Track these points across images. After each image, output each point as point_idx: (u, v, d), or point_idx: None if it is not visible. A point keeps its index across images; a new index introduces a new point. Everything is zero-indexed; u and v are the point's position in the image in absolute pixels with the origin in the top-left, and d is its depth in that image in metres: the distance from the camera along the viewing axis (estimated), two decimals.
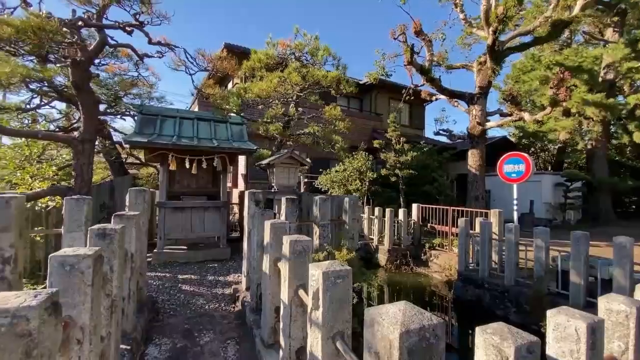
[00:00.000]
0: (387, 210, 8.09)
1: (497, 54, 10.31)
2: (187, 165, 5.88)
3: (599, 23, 15.44)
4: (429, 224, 8.39)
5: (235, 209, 9.18)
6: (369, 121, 14.76)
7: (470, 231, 6.47)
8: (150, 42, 5.78)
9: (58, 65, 6.28)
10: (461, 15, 11.60)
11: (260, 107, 6.87)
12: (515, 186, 6.34)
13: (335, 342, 1.71)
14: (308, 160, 7.39)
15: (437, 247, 7.89)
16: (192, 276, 5.50)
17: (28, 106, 7.74)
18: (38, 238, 4.69)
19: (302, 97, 6.79)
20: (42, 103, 8.02)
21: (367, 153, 10.02)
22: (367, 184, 9.57)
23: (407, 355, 1.04)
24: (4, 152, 6.84)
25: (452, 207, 7.71)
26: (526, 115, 9.51)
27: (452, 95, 10.90)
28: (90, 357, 1.78)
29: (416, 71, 9.96)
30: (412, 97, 14.15)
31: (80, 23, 5.29)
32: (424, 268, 7.83)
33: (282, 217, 3.99)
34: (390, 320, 1.11)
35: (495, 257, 6.14)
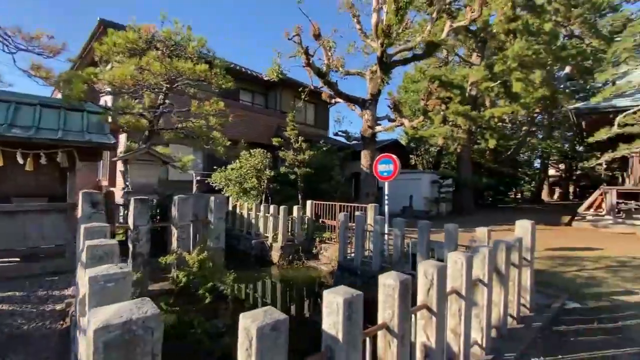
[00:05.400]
0: (281, 207, 8.25)
1: (386, 65, 11.50)
2: (21, 161, 4.86)
3: (468, 48, 18.67)
4: (321, 220, 8.88)
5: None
6: (274, 118, 14.80)
7: (351, 224, 7.06)
8: None
9: None
10: (357, 26, 12.55)
11: (126, 97, 6.13)
12: (386, 183, 7.18)
13: None
14: (177, 156, 6.88)
15: (326, 241, 8.40)
16: (17, 293, 4.63)
17: None
18: None
19: (178, 88, 6.33)
20: None
21: (265, 151, 10.05)
22: (265, 182, 9.59)
23: (103, 350, 1.03)
24: None
25: (339, 203, 8.31)
26: (406, 122, 10.85)
27: (348, 99, 11.73)
28: None
29: (314, 73, 10.39)
30: (317, 98, 14.69)
31: None
32: (315, 261, 8.25)
33: (130, 221, 3.65)
34: (96, 320, 1.08)
35: (369, 246, 6.84)
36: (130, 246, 3.69)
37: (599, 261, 6.86)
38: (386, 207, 7.01)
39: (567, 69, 18.93)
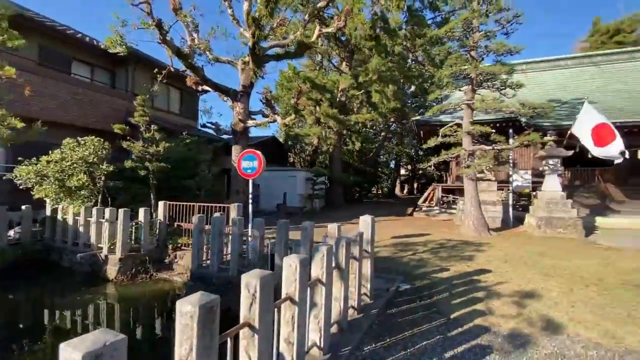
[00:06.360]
0: (121, 210, 6.71)
1: (258, 57, 11.04)
2: None
3: (339, 56, 20.28)
4: (177, 223, 7.71)
5: None
6: (122, 101, 12.10)
7: (210, 227, 6.30)
8: None
9: None
10: (229, 10, 11.62)
11: None
12: (250, 181, 6.74)
13: None
14: None
15: (182, 247, 7.34)
16: None
17: None
18: None
19: None
20: None
21: (101, 139, 7.99)
22: (102, 178, 7.64)
23: None
24: None
25: (199, 204, 7.37)
26: (278, 118, 10.70)
27: (217, 88, 10.75)
28: None
29: (172, 53, 8.98)
30: (183, 84, 12.96)
31: None
32: (168, 272, 7.08)
33: None
34: None
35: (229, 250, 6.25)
36: None
37: (427, 245, 8.31)
38: (250, 206, 6.56)
39: (413, 88, 23.00)
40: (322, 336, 3.06)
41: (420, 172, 30.42)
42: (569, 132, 10.21)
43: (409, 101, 24.51)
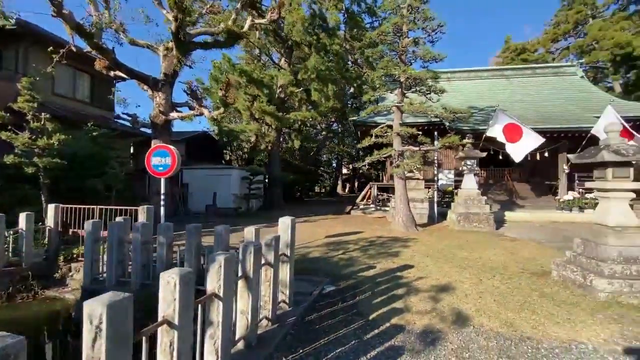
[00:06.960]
0: None
1: (183, 44, 10.06)
2: None
3: (278, 51, 19.76)
4: (72, 230, 6.53)
5: None
6: (8, 84, 9.84)
7: (104, 234, 5.40)
8: None
9: None
10: None
11: None
12: (162, 180, 5.98)
13: None
14: None
15: (79, 258, 6.22)
16: None
17: None
18: None
19: None
20: None
21: None
22: None
23: None
24: None
25: (99, 207, 6.33)
26: (205, 112, 9.89)
27: (132, 74, 9.51)
28: None
29: (71, 29, 7.62)
30: (94, 68, 11.31)
31: None
32: (59, 289, 5.94)
33: None
34: None
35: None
36: None
37: (358, 243, 8.35)
38: (162, 209, 5.81)
39: (352, 89, 23.52)
40: (220, 357, 2.67)
41: (360, 171, 31.46)
42: (484, 135, 11.26)
43: (349, 102, 25.04)
